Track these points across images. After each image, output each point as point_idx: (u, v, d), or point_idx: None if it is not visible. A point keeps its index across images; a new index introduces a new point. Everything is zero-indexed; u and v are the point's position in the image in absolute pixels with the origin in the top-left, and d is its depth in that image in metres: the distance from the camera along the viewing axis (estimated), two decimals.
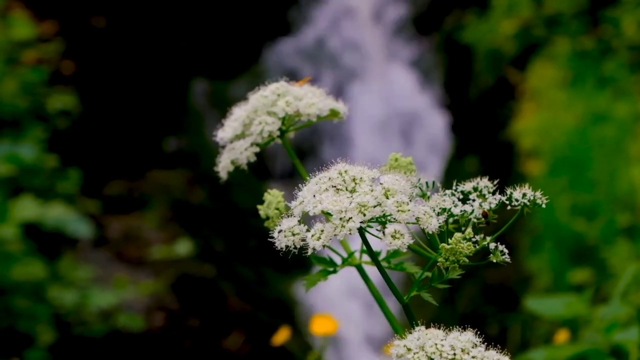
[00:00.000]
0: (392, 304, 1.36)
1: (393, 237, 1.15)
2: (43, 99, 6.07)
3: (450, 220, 1.25)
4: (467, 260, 1.18)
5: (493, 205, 1.25)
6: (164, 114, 7.82)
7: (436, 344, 1.15)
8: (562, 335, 2.56)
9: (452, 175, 6.67)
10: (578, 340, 2.44)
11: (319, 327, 2.63)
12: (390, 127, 8.17)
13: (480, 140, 7.49)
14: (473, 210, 1.25)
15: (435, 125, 8.16)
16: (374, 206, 1.15)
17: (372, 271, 1.36)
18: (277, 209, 1.38)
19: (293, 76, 1.56)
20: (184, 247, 5.96)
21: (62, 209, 4.74)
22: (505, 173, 6.43)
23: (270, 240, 1.19)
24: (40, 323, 4.68)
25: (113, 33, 7.81)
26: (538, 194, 1.25)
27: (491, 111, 7.46)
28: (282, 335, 2.70)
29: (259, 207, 1.39)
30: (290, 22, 8.80)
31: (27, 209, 4.57)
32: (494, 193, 1.28)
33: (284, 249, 1.18)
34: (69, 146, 6.54)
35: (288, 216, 1.19)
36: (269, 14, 8.70)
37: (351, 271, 1.43)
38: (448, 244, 1.19)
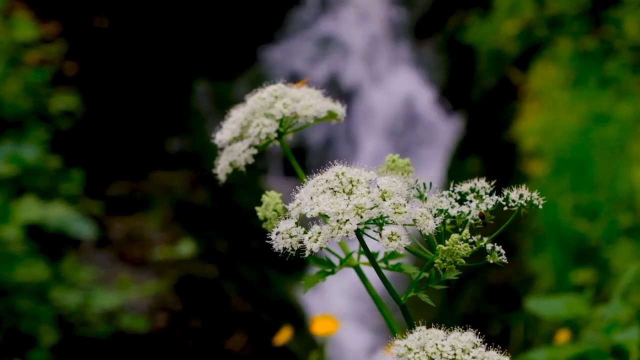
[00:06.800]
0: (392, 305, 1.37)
1: (390, 239, 1.15)
2: (46, 100, 6.07)
3: (448, 221, 1.25)
4: (464, 261, 1.19)
5: (490, 206, 1.26)
6: (167, 115, 7.83)
7: (437, 344, 1.15)
8: (563, 336, 2.56)
9: (454, 175, 6.68)
10: (579, 340, 2.44)
11: (320, 327, 2.64)
12: (392, 127, 8.17)
13: (482, 140, 7.49)
14: (470, 212, 1.25)
15: (437, 125, 8.17)
16: (371, 208, 1.16)
17: (370, 272, 1.37)
18: (275, 210, 1.39)
19: (296, 77, 1.57)
20: (186, 248, 5.96)
21: (64, 210, 4.74)
22: (508, 173, 6.43)
23: (269, 242, 1.20)
24: (43, 324, 4.69)
25: (116, 34, 7.82)
26: (535, 194, 1.25)
27: (494, 112, 7.46)
28: (283, 336, 2.71)
29: (257, 208, 1.39)
30: (293, 22, 8.80)
31: (29, 209, 4.57)
32: (491, 194, 1.28)
33: (281, 251, 1.18)
34: (72, 147, 6.55)
35: (285, 218, 1.20)
36: (271, 15, 8.71)
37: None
38: (445, 245, 1.19)
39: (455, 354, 1.15)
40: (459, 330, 1.17)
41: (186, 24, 8.28)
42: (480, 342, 1.17)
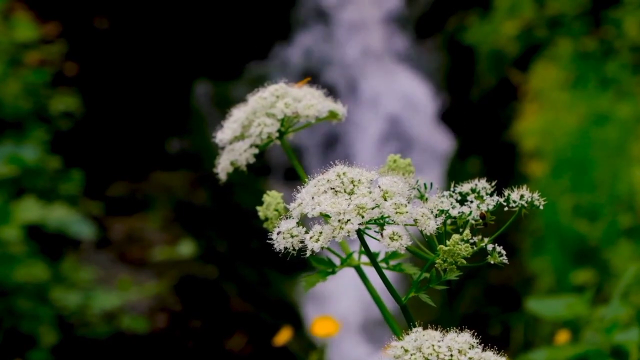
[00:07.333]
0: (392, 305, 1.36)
1: (391, 238, 1.15)
2: (46, 101, 6.07)
3: (448, 221, 1.25)
4: (464, 261, 1.19)
5: (491, 207, 1.25)
6: (167, 115, 7.83)
7: (433, 345, 1.15)
8: (563, 336, 2.56)
9: (454, 176, 6.68)
10: (579, 340, 2.44)
11: (320, 328, 2.64)
12: (392, 127, 8.17)
13: (482, 141, 7.49)
14: (471, 212, 1.25)
15: (437, 126, 8.17)
16: (372, 208, 1.16)
17: (371, 272, 1.37)
18: (276, 210, 1.39)
19: (296, 77, 1.57)
20: (186, 248, 5.96)
21: (64, 211, 4.74)
22: (508, 174, 6.43)
23: (269, 241, 1.20)
24: (43, 324, 4.68)
25: (116, 34, 7.82)
26: (536, 195, 1.25)
27: (493, 112, 7.46)
28: (283, 336, 2.70)
29: (258, 208, 1.39)
30: (293, 23, 8.80)
31: (29, 210, 4.56)
32: (492, 194, 1.28)
33: (282, 251, 1.18)
34: (72, 147, 6.55)
35: (287, 218, 1.20)
36: (272, 15, 8.71)
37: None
38: (446, 246, 1.19)
39: (451, 355, 1.15)
40: (456, 331, 1.17)
41: (186, 24, 8.28)
42: (477, 342, 1.17)
